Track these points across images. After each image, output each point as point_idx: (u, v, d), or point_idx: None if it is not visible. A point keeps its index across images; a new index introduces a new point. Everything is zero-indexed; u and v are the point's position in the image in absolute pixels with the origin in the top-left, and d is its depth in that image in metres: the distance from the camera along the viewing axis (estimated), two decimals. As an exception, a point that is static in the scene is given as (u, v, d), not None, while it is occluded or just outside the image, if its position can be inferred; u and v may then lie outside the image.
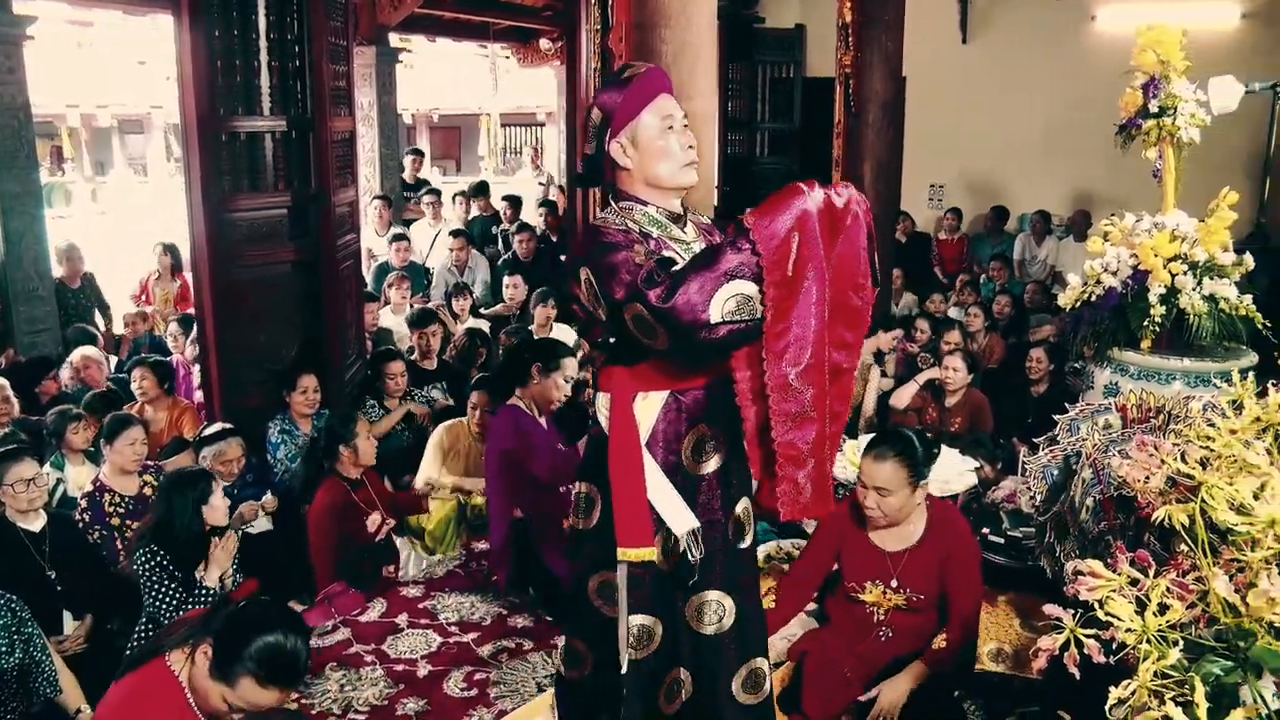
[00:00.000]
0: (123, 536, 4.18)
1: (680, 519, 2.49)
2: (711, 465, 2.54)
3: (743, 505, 2.63)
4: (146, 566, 3.64)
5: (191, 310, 6.61)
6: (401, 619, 4.26)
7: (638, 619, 2.55)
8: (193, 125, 4.85)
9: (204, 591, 3.73)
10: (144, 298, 8.08)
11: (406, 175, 11.05)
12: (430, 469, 5.05)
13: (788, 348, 2.24)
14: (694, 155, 2.50)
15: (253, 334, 5.21)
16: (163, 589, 3.63)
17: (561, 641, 2.83)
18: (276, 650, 2.40)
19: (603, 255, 2.31)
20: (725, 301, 2.16)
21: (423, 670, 3.87)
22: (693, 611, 2.59)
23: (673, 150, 2.46)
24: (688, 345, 2.23)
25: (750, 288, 2.18)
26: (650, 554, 2.47)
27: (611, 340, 2.44)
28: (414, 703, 3.65)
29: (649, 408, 2.48)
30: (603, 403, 2.54)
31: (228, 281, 5.08)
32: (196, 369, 6.02)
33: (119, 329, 7.45)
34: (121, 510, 4.22)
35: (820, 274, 2.23)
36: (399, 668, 3.88)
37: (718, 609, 2.60)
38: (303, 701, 3.61)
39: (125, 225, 15.49)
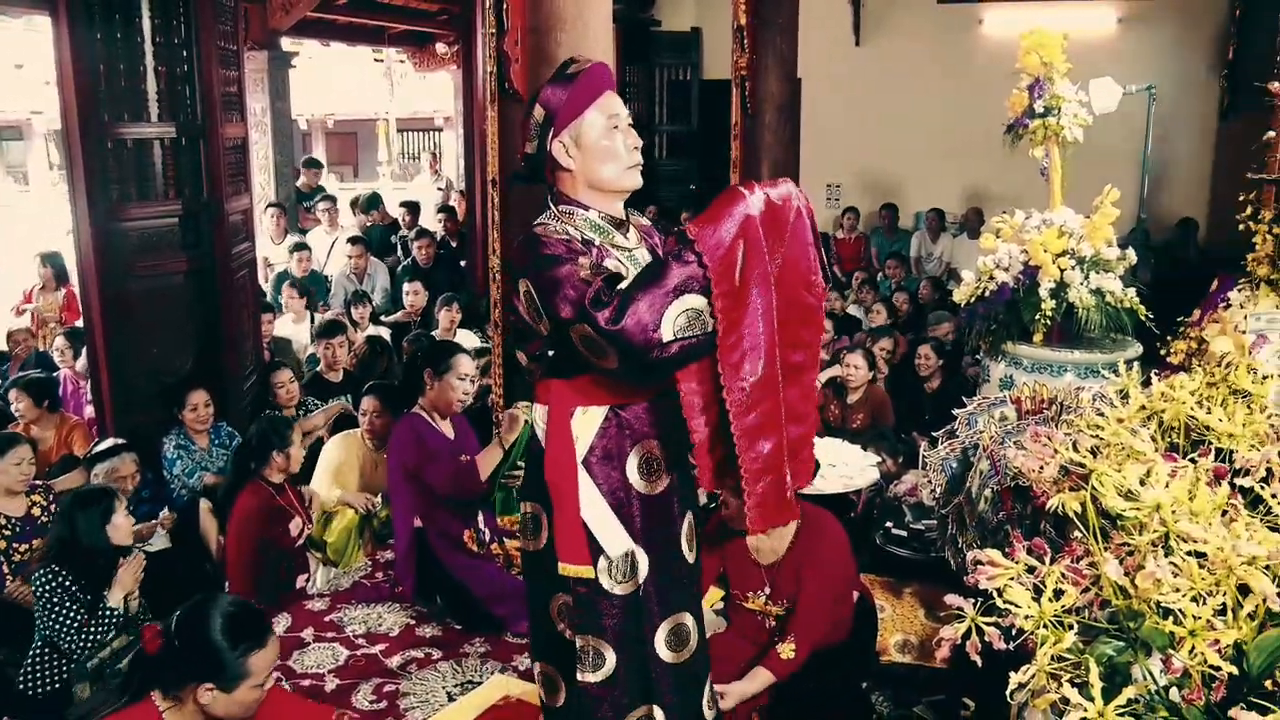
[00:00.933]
0: (9, 559, 4.00)
1: (614, 541, 2.39)
2: (664, 484, 2.46)
3: (688, 520, 2.56)
4: (47, 588, 3.50)
5: (79, 322, 6.37)
6: (307, 633, 4.17)
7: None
8: (75, 131, 4.69)
9: (109, 613, 3.60)
10: (27, 311, 7.75)
11: (302, 184, 10.80)
12: (322, 490, 4.84)
13: (743, 359, 2.17)
14: (639, 157, 2.42)
15: (145, 346, 5.06)
16: (63, 611, 3.49)
17: (533, 666, 2.67)
18: (229, 620, 2.42)
19: (544, 269, 2.20)
20: (676, 318, 2.08)
21: (330, 684, 3.80)
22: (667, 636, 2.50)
23: (618, 151, 2.38)
24: (640, 364, 2.13)
25: (700, 301, 2.10)
26: (588, 572, 2.38)
27: (550, 353, 2.34)
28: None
29: (588, 423, 2.38)
30: (540, 416, 2.45)
31: (118, 293, 4.91)
32: (87, 383, 5.80)
33: (1, 345, 7.14)
34: (8, 532, 4.04)
35: (766, 280, 2.17)
36: (305, 683, 3.80)
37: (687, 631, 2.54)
38: None
39: (5, 234, 14.86)
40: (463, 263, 9.76)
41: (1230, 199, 4.94)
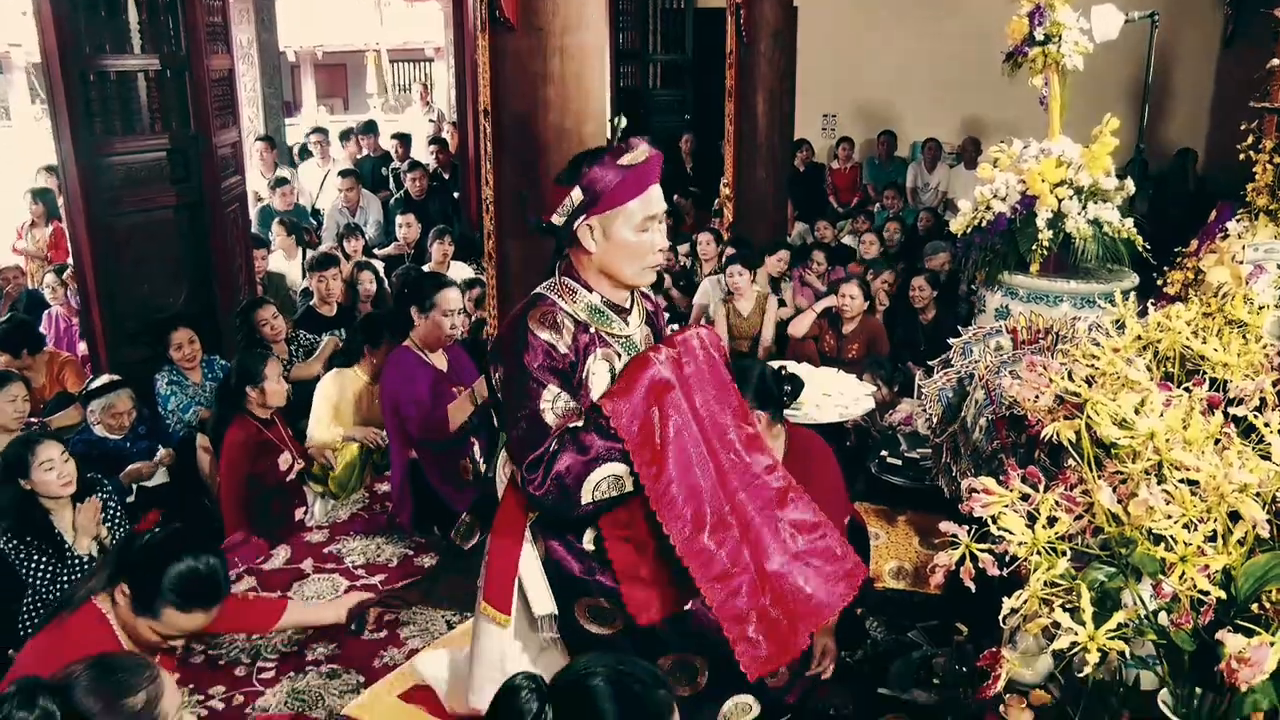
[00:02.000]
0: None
1: (540, 601, 2.46)
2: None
3: None
4: (10, 545, 3.46)
5: (70, 259, 6.32)
6: (307, 565, 4.21)
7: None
8: (55, 64, 4.60)
9: (77, 560, 3.57)
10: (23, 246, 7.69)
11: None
12: (318, 429, 4.84)
13: (683, 509, 2.25)
14: (661, 258, 2.42)
15: (136, 282, 5.03)
16: (33, 564, 3.47)
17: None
18: (191, 576, 2.39)
19: (514, 384, 2.28)
20: (596, 485, 2.22)
21: (331, 615, 3.84)
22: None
23: (643, 250, 2.34)
24: (559, 518, 2.32)
25: (621, 468, 2.23)
26: (505, 620, 2.47)
27: None
28: (323, 647, 3.62)
29: None
30: (503, 469, 2.53)
31: (106, 228, 4.87)
32: (79, 320, 5.78)
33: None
34: (5, 472, 4.04)
35: (691, 430, 2.27)
36: (307, 615, 3.84)
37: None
38: (210, 652, 3.56)
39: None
40: (455, 195, 9.68)
41: (1230, 129, 4.87)
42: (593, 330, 2.36)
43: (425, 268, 7.07)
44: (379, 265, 7.22)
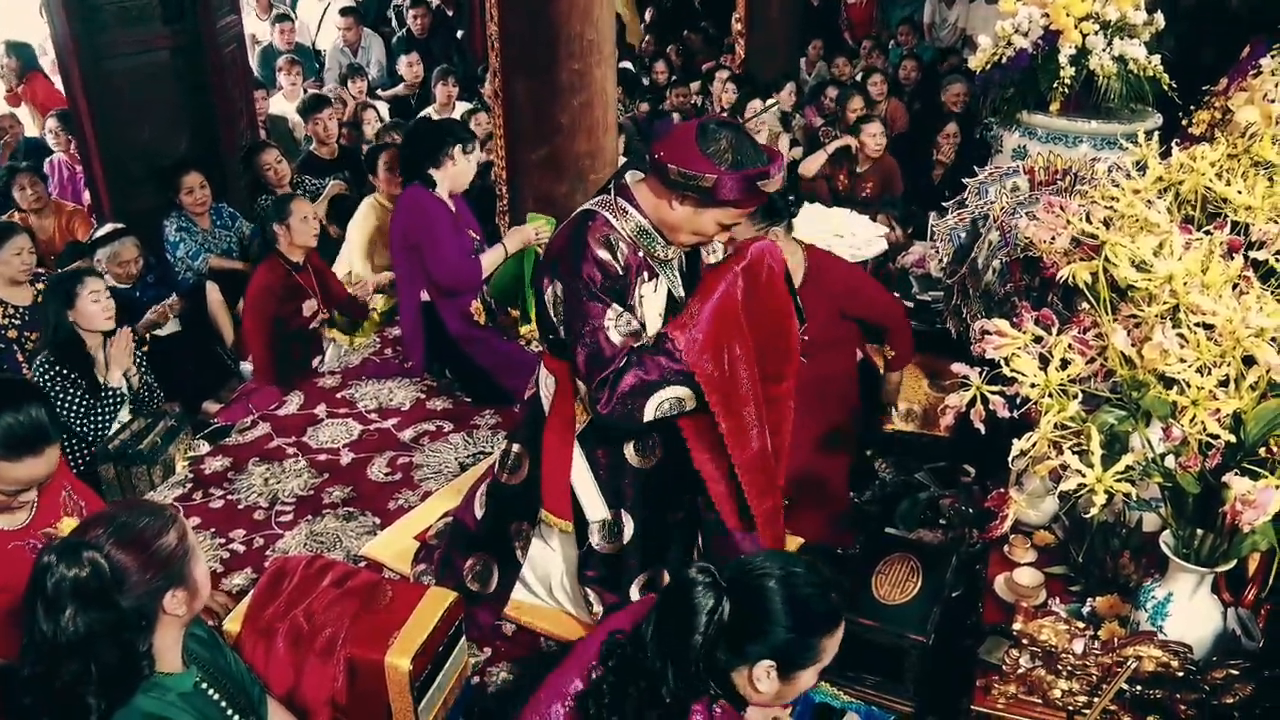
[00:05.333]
0: (22, 347, 4.04)
1: (593, 507, 2.70)
2: (657, 458, 2.63)
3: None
4: (46, 376, 3.56)
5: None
6: (320, 410, 4.26)
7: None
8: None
9: (110, 393, 3.68)
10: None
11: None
12: (356, 264, 4.80)
13: (749, 430, 2.43)
14: (712, 246, 2.52)
15: (136, 128, 4.93)
16: (67, 397, 3.57)
17: (470, 561, 2.94)
18: (11, 429, 2.20)
19: (577, 297, 2.34)
20: (660, 405, 2.34)
21: (345, 458, 3.91)
22: None
23: (707, 236, 2.42)
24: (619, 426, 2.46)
25: (683, 391, 2.34)
26: (566, 525, 2.70)
27: (563, 340, 2.47)
28: (339, 490, 3.70)
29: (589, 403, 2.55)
30: (546, 381, 2.65)
31: (100, 74, 4.75)
32: (82, 168, 5.69)
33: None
34: (17, 321, 4.06)
35: (745, 350, 2.39)
36: (321, 458, 3.91)
37: None
38: (230, 497, 3.64)
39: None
40: (459, 33, 9.38)
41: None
42: (641, 253, 2.43)
43: (430, 109, 6.91)
44: (383, 107, 7.07)
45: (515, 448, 2.78)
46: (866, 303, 3.45)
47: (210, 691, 1.90)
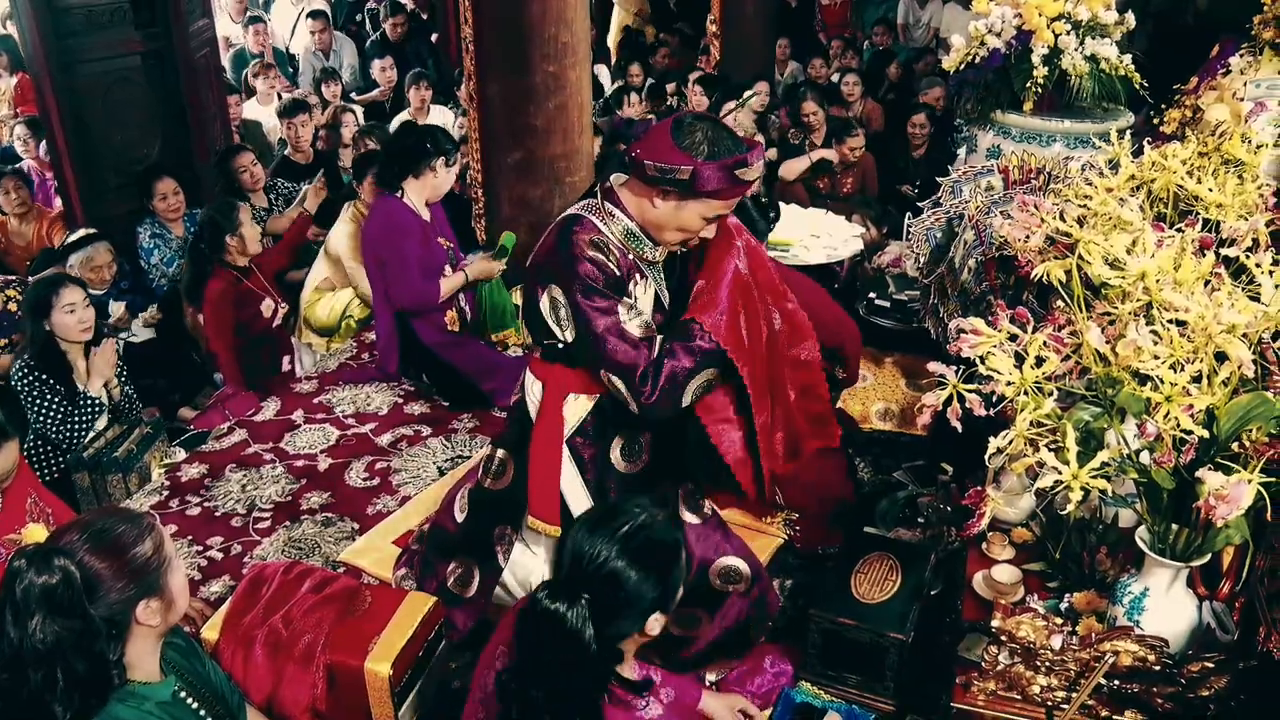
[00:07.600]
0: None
1: (581, 511, 2.64)
2: (643, 463, 2.63)
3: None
4: (24, 382, 3.53)
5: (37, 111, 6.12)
6: (297, 415, 4.24)
7: None
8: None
9: (89, 401, 3.65)
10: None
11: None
12: (343, 262, 4.77)
13: (761, 395, 2.47)
14: (697, 239, 2.46)
15: (107, 133, 4.90)
16: (45, 404, 3.55)
17: (452, 565, 2.90)
18: None
19: (583, 302, 2.32)
20: (696, 389, 2.38)
21: (323, 464, 3.89)
22: None
23: (693, 232, 2.38)
24: (655, 420, 2.45)
25: (713, 371, 2.38)
26: (555, 531, 2.65)
27: (559, 346, 2.45)
28: (317, 496, 3.68)
29: (579, 408, 2.56)
30: (533, 387, 2.63)
31: (71, 79, 4.70)
32: (53, 174, 5.64)
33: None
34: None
35: (769, 324, 2.45)
36: (299, 463, 3.89)
37: None
38: (206, 505, 3.62)
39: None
40: (434, 36, 9.36)
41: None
42: (630, 255, 2.42)
43: (404, 114, 6.89)
44: (359, 112, 7.03)
45: (500, 453, 2.77)
46: (820, 312, 3.37)
47: (189, 700, 1.88)
